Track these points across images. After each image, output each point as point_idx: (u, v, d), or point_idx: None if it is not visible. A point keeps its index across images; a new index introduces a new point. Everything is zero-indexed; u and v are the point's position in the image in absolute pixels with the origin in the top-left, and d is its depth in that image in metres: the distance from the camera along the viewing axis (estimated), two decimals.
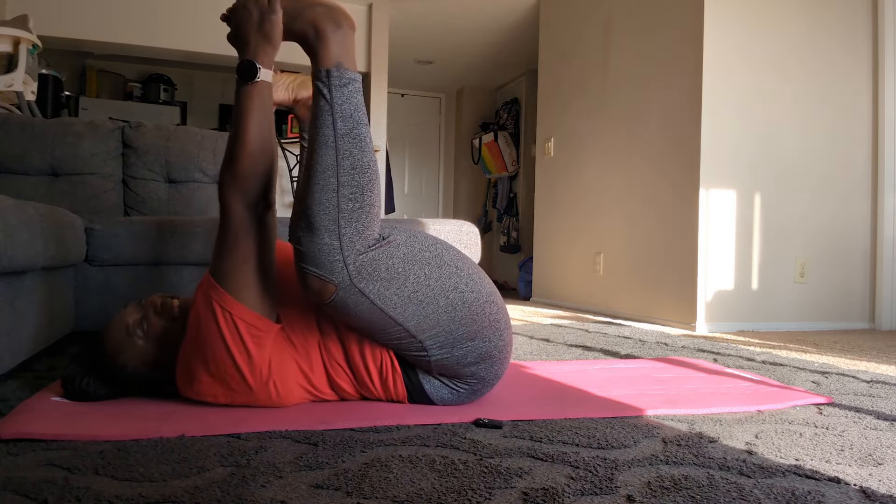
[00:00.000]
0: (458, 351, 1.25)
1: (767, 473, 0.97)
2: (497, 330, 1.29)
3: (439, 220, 2.41)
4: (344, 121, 1.16)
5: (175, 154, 2.84)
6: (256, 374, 1.21)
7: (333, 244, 1.14)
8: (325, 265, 1.14)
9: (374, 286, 1.17)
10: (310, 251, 1.14)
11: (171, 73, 6.23)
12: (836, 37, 3.35)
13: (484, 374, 1.31)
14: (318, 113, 1.16)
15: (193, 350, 1.21)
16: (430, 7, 5.17)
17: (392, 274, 1.18)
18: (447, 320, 1.22)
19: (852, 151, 3.37)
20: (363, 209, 1.16)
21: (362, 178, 1.16)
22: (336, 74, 1.16)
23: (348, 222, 1.15)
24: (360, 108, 1.18)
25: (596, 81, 4.11)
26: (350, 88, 1.17)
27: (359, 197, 1.16)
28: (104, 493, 0.83)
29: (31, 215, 1.42)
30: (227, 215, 1.21)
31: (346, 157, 1.15)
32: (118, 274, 2.24)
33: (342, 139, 1.15)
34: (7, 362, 1.41)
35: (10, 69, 3.01)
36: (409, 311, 1.20)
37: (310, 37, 1.18)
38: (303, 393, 1.30)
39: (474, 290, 1.26)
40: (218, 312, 1.18)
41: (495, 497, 0.85)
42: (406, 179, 7.50)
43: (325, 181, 1.15)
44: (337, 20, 1.18)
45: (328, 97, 1.16)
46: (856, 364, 2.13)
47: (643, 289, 3.57)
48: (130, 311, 1.30)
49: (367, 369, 1.29)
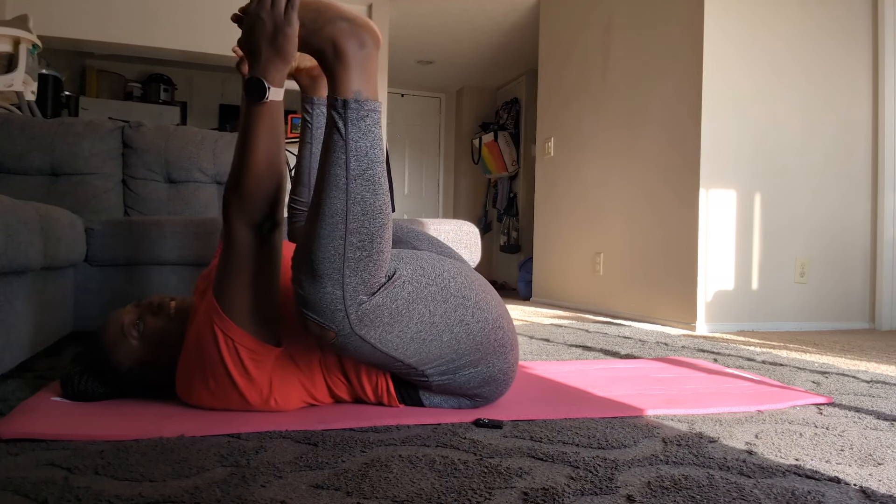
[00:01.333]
0: (461, 377, 1.25)
1: (767, 473, 0.97)
2: (502, 354, 1.26)
3: (439, 220, 2.41)
4: (358, 160, 1.06)
5: (175, 154, 2.84)
6: (257, 393, 1.21)
7: (336, 293, 1.07)
8: (325, 314, 1.08)
9: (375, 332, 1.12)
10: (311, 298, 1.08)
11: (171, 73, 6.23)
12: (836, 37, 3.35)
13: (487, 395, 1.31)
14: (332, 148, 1.07)
15: (194, 367, 1.20)
16: (430, 7, 5.17)
17: (395, 318, 1.13)
18: (450, 352, 1.20)
19: (852, 151, 3.37)
20: (371, 257, 1.08)
21: (372, 224, 1.07)
22: (354, 107, 1.06)
23: (353, 272, 1.07)
24: (378, 145, 1.08)
25: (596, 81, 4.11)
26: (368, 122, 1.07)
27: (367, 245, 1.07)
28: (104, 493, 0.83)
29: (31, 215, 1.42)
30: (230, 238, 1.15)
31: (357, 203, 1.06)
32: (118, 274, 2.24)
33: (354, 181, 1.06)
34: (7, 362, 1.41)
35: (10, 69, 3.01)
36: (412, 349, 1.17)
37: (328, 56, 1.08)
38: (303, 403, 1.30)
39: (480, 320, 1.21)
40: (220, 338, 1.15)
41: (495, 497, 0.85)
42: (406, 179, 7.50)
43: (332, 227, 1.06)
44: (361, 39, 1.07)
45: (343, 132, 1.06)
46: (856, 364, 2.13)
47: (643, 289, 3.57)
48: (127, 311, 1.30)
49: (362, 388, 1.30)
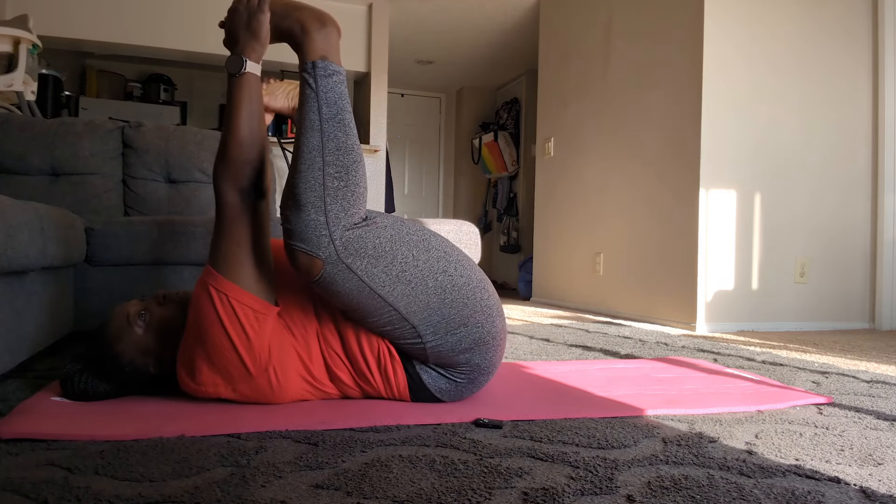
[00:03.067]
0: (452, 337, 1.27)
1: (767, 473, 0.97)
2: (489, 316, 1.31)
3: (439, 220, 2.42)
4: (329, 106, 1.21)
5: (175, 154, 2.84)
6: (256, 358, 1.22)
7: (319, 219, 1.18)
8: (311, 240, 1.18)
9: (361, 262, 1.20)
10: (297, 227, 1.18)
11: (171, 73, 6.23)
12: (836, 37, 3.35)
13: (479, 361, 1.32)
14: (304, 101, 1.21)
15: (193, 340, 1.23)
16: (430, 7, 5.17)
17: (379, 252, 1.22)
18: (437, 302, 1.25)
19: (852, 151, 3.37)
20: (348, 188, 1.20)
21: (347, 158, 1.21)
22: (321, 66, 1.22)
23: (334, 199, 1.19)
24: (344, 97, 1.23)
25: (596, 81, 4.11)
26: (335, 79, 1.22)
27: (343, 176, 1.20)
28: (104, 493, 0.83)
29: (31, 215, 1.42)
30: (221, 202, 1.25)
31: (331, 139, 1.20)
32: (118, 274, 2.24)
33: (327, 122, 1.20)
34: (7, 362, 1.41)
35: (10, 69, 3.01)
36: (398, 290, 1.23)
37: (296, 34, 1.25)
38: (302, 383, 1.30)
39: (463, 275, 1.29)
40: (214, 296, 1.20)
41: (495, 497, 0.85)
42: (406, 179, 7.50)
43: (311, 161, 1.19)
44: (322, 20, 1.25)
45: (313, 86, 1.21)
46: (856, 364, 2.13)
47: (643, 289, 3.57)
48: (133, 303, 1.33)
49: (364, 359, 1.30)
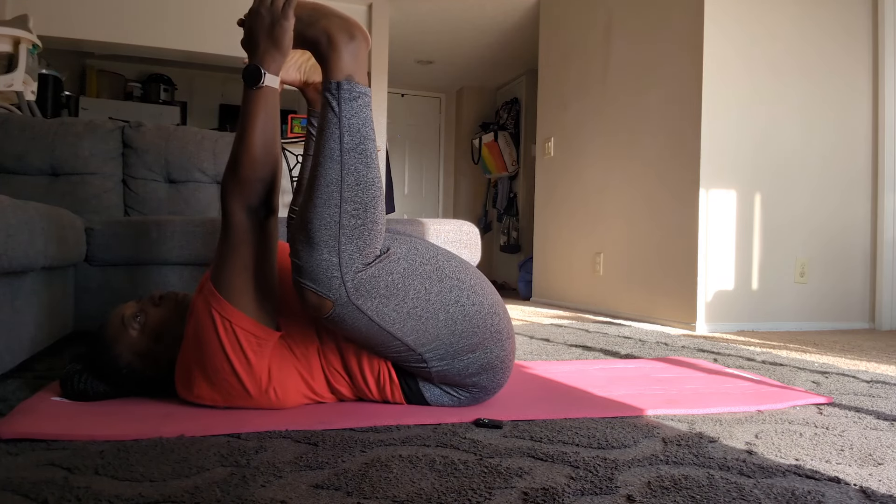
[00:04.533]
0: (459, 363, 1.25)
1: (767, 473, 0.97)
2: (499, 340, 1.27)
3: (439, 220, 2.41)
4: (351, 135, 1.13)
5: (175, 154, 2.84)
6: (256, 382, 1.21)
7: (332, 260, 1.11)
8: (322, 282, 1.12)
9: (372, 303, 1.15)
10: (308, 266, 1.12)
11: (171, 73, 6.23)
12: (835, 37, 3.35)
13: (486, 384, 1.31)
14: (326, 125, 1.14)
15: (193, 357, 1.21)
16: (430, 7, 5.17)
17: (391, 290, 1.16)
18: (447, 334, 1.21)
19: (852, 151, 3.37)
20: (365, 226, 1.13)
21: (366, 194, 1.13)
22: (346, 87, 1.13)
23: (349, 239, 1.12)
24: (369, 124, 1.15)
25: (596, 81, 4.11)
26: (360, 103, 1.14)
27: (361, 214, 1.13)
28: (104, 493, 0.83)
29: (31, 215, 1.42)
30: (228, 220, 1.19)
31: (351, 173, 1.13)
32: (118, 274, 2.24)
33: (348, 154, 1.13)
34: (7, 362, 1.41)
35: (10, 69, 3.01)
36: (409, 326, 1.18)
37: (322, 45, 1.16)
38: (302, 398, 1.30)
39: (476, 303, 1.24)
40: (217, 321, 1.17)
41: (495, 497, 0.85)
42: (406, 179, 7.50)
43: (327, 196, 1.12)
44: (351, 32, 1.15)
45: (336, 110, 1.13)
46: (856, 364, 2.13)
47: (643, 289, 3.57)
48: (129, 305, 1.32)
49: (364, 379, 1.29)
